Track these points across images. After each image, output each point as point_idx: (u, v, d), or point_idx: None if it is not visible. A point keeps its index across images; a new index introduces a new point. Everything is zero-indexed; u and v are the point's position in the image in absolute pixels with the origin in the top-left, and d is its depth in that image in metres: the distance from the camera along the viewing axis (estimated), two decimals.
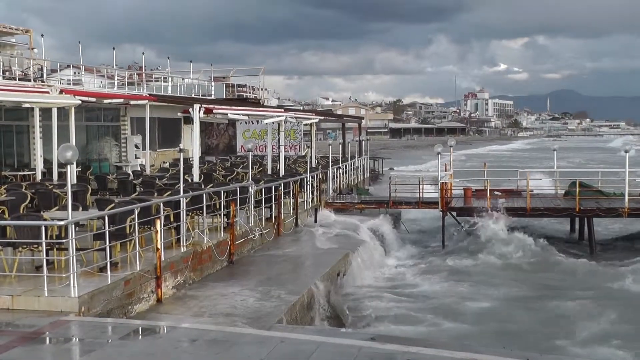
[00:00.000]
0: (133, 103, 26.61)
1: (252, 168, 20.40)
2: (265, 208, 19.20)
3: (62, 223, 10.92)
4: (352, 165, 33.68)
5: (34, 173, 22.56)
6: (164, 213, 13.44)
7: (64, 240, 11.19)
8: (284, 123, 26.68)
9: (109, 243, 11.55)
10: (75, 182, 18.37)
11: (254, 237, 17.79)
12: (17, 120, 25.58)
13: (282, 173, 24.64)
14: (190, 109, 20.47)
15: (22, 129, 25.95)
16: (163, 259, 12.70)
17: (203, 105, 20.71)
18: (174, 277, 13.32)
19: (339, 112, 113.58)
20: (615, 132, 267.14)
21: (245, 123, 31.37)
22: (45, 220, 11.43)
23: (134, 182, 20.53)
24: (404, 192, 26.95)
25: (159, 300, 12.48)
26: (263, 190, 19.01)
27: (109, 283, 11.16)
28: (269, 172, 25.32)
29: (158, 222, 12.70)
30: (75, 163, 13.39)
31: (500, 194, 26.41)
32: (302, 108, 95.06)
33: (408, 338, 12.04)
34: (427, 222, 27.67)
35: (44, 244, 10.84)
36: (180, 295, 13.02)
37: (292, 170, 26.36)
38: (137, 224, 12.42)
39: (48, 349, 9.14)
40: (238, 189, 17.26)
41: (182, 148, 15.86)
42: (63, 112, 21.45)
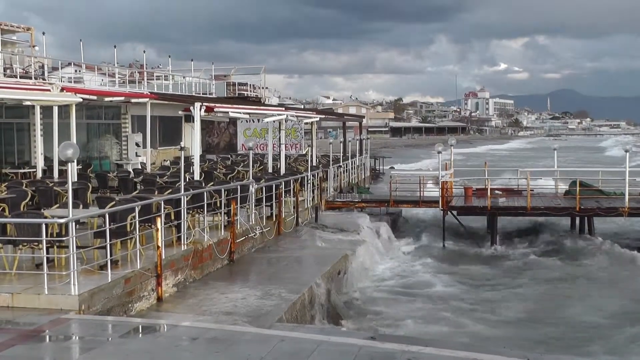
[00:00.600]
0: (134, 101, 26.59)
1: (252, 166, 20.40)
2: (266, 207, 19.18)
3: (62, 221, 10.91)
4: (352, 164, 33.67)
5: (35, 171, 22.59)
6: (165, 211, 13.43)
7: (65, 238, 11.18)
8: (285, 122, 26.67)
9: (110, 241, 11.54)
10: (76, 179, 18.38)
11: (255, 235, 17.78)
12: (18, 118, 25.59)
13: (282, 172, 24.63)
14: (191, 107, 20.45)
15: (23, 127, 25.96)
16: (163, 257, 12.68)
17: (204, 104, 20.69)
18: (175, 275, 13.32)
19: (340, 110, 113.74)
20: (616, 131, 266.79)
21: (246, 121, 31.32)
22: (46, 218, 11.43)
23: (135, 180, 20.53)
24: (405, 190, 26.95)
25: (160, 299, 12.47)
26: (264, 189, 19.00)
27: (109, 281, 11.15)
28: (270, 170, 25.33)
29: (159, 220, 12.70)
30: (76, 161, 13.36)
31: (501, 193, 26.39)
32: (302, 107, 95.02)
33: (408, 337, 12.04)
34: (427, 221, 27.65)
35: (45, 242, 10.84)
36: (181, 294, 13.02)
37: (292, 169, 26.36)
38: (137, 222, 12.41)
39: (48, 347, 9.14)
40: (239, 188, 17.26)
41: (183, 146, 15.83)
42: (64, 109, 21.45)
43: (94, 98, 24.07)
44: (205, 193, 15.75)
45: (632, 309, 16.45)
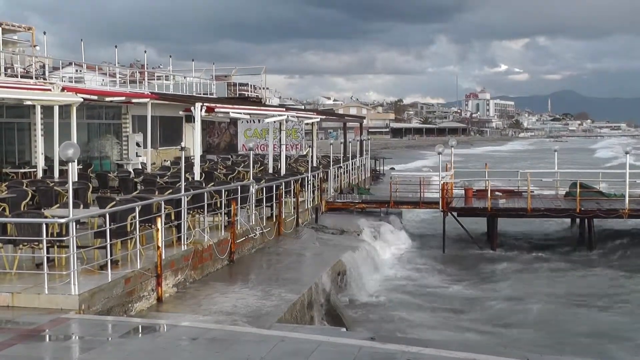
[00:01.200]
0: (135, 101, 26.60)
1: (253, 167, 20.41)
2: (266, 207, 19.19)
3: (62, 220, 10.91)
4: (353, 165, 33.69)
5: (35, 170, 22.59)
6: (165, 211, 13.43)
7: (65, 238, 11.18)
8: (286, 122, 26.69)
9: (110, 241, 11.54)
10: (76, 179, 18.37)
11: (255, 236, 17.78)
12: (18, 118, 25.61)
13: (283, 172, 24.64)
14: (192, 108, 20.47)
15: (23, 127, 25.97)
16: (164, 258, 12.69)
17: (205, 104, 20.71)
18: (175, 275, 13.32)
19: (341, 111, 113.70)
20: (616, 133, 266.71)
21: (247, 122, 31.31)
22: (46, 218, 11.43)
23: (135, 180, 20.54)
24: (405, 191, 26.97)
25: (160, 299, 12.48)
26: (264, 189, 19.00)
27: (110, 281, 11.15)
28: (270, 171, 25.33)
29: (159, 220, 12.70)
30: (77, 161, 13.38)
31: (501, 195, 26.41)
32: (303, 107, 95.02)
33: (408, 338, 12.06)
34: (427, 222, 27.68)
35: (45, 242, 10.84)
36: (181, 294, 13.03)
37: (293, 170, 26.36)
38: (137, 222, 12.41)
39: (48, 347, 9.14)
40: (239, 188, 17.25)
41: (183, 146, 15.85)
42: (65, 109, 21.45)
43: (95, 98, 24.07)
44: (206, 193, 15.75)
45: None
